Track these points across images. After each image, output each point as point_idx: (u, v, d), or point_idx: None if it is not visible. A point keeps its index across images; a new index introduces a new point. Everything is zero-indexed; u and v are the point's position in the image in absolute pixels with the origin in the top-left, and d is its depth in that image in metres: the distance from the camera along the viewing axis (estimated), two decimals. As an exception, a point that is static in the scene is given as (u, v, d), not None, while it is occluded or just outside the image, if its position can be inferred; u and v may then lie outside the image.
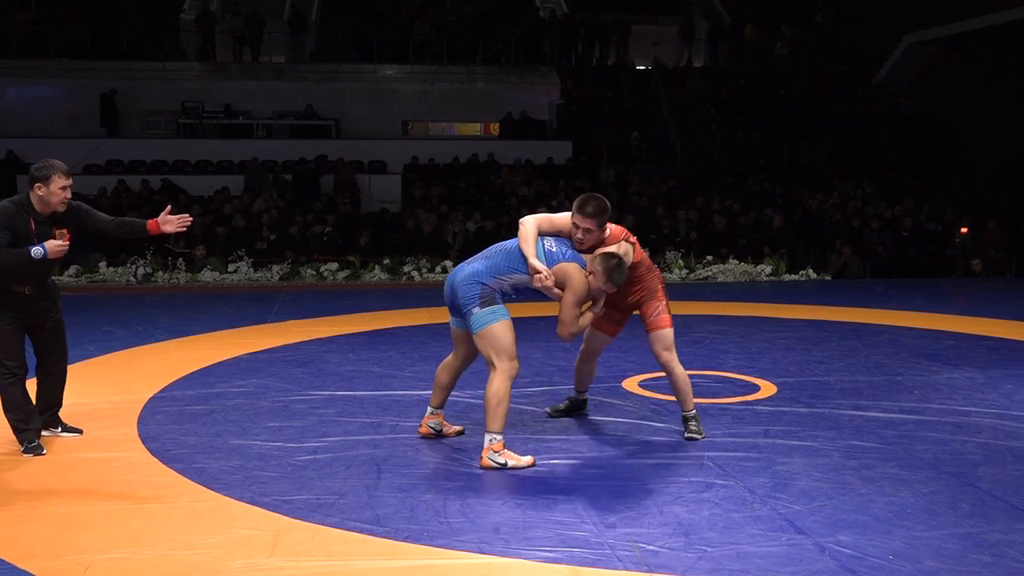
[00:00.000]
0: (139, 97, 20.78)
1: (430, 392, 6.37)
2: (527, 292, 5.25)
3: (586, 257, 5.23)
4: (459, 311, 5.21)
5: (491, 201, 17.23)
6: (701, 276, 13.80)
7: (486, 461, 5.07)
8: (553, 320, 5.34)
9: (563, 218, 5.35)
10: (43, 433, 5.55)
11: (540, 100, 21.96)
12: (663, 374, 7.34)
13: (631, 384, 7.00)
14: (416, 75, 22.16)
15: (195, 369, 7.49)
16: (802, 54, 24.06)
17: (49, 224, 5.32)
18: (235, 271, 13.53)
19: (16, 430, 5.41)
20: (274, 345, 8.48)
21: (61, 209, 5.32)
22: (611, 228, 5.40)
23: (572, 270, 5.14)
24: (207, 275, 13.43)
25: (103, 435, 5.72)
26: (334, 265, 13.86)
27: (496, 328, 5.07)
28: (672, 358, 5.59)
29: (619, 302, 5.62)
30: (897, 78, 22.87)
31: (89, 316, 9.98)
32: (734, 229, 15.65)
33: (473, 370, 7.47)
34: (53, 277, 5.46)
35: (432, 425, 5.66)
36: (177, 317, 10.05)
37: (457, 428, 5.75)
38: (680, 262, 13.97)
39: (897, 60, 22.65)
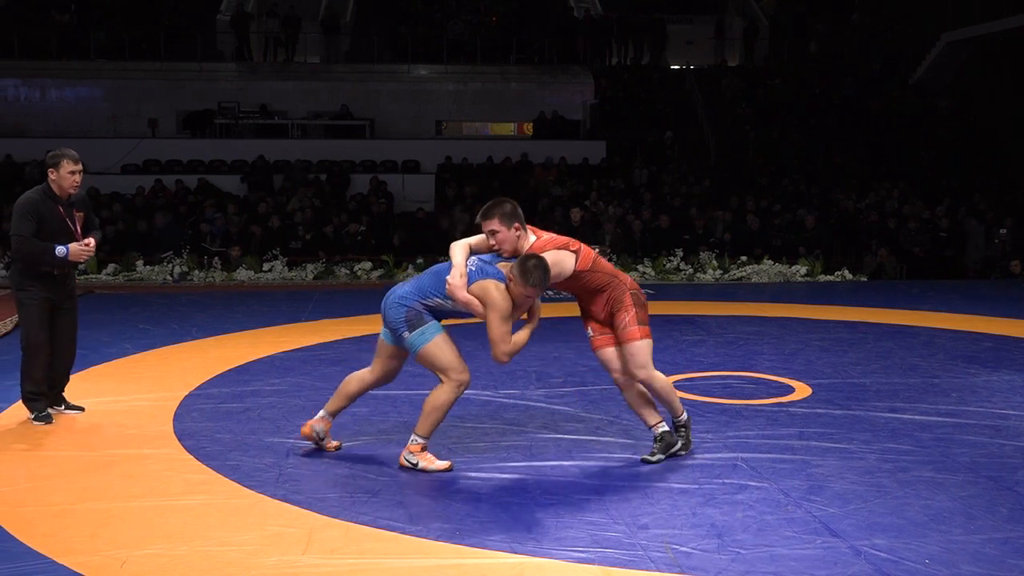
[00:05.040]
0: (176, 98, 20.97)
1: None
2: (457, 312, 5.03)
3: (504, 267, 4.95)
4: (393, 332, 5.09)
5: (524, 201, 17.23)
6: (735, 277, 13.73)
7: (402, 460, 5.05)
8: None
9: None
10: (48, 410, 5.97)
11: (574, 100, 21.93)
12: (698, 375, 7.35)
13: (664, 385, 6.97)
14: (450, 75, 22.20)
15: (230, 367, 7.55)
16: (838, 53, 23.86)
17: (71, 207, 5.84)
18: (270, 270, 13.63)
19: (30, 399, 5.84)
20: (308, 344, 8.53)
21: (73, 191, 5.80)
22: (537, 235, 5.10)
23: (488, 286, 4.83)
24: (242, 274, 13.54)
25: (139, 432, 5.77)
26: (368, 264, 13.92)
27: (431, 348, 4.94)
28: (648, 375, 5.13)
29: (597, 314, 5.23)
30: (935, 77, 22.62)
31: (126, 314, 10.09)
32: (768, 229, 15.55)
33: (510, 372, 7.48)
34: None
35: (318, 430, 5.32)
36: (213, 316, 10.13)
37: (335, 444, 5.41)
38: (714, 262, 13.91)
39: (935, 59, 22.40)
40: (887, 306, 10.83)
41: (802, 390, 6.85)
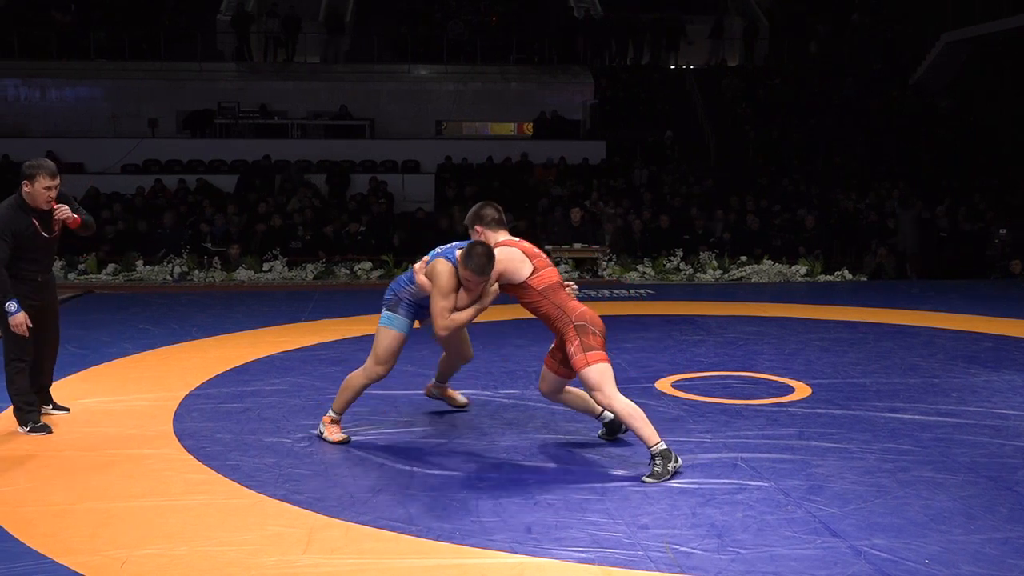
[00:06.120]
0: (176, 98, 20.97)
1: (463, 391, 6.41)
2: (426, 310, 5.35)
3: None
4: None
5: (524, 201, 17.24)
6: (735, 277, 13.72)
7: (319, 428, 5.63)
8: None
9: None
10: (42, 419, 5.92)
11: (574, 100, 21.94)
12: (698, 375, 7.35)
13: (664, 385, 6.98)
14: (450, 75, 22.21)
15: (230, 367, 7.54)
16: (838, 53, 23.87)
17: (47, 216, 5.67)
18: (270, 270, 13.63)
19: (23, 411, 5.75)
20: (308, 344, 8.53)
21: (47, 207, 5.62)
22: (513, 241, 5.33)
23: (436, 264, 5.22)
24: (242, 274, 13.53)
25: (139, 432, 5.77)
26: (368, 264, 13.92)
27: (385, 331, 5.44)
28: (607, 397, 4.98)
29: (555, 337, 5.26)
30: (935, 77, 22.62)
31: (126, 314, 10.09)
32: (768, 229, 15.56)
33: (510, 372, 7.48)
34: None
35: (435, 392, 6.23)
36: (212, 315, 10.12)
37: (463, 400, 6.25)
38: (714, 262, 13.91)
39: (935, 59, 22.39)
40: (887, 306, 10.82)
41: (802, 390, 6.85)
